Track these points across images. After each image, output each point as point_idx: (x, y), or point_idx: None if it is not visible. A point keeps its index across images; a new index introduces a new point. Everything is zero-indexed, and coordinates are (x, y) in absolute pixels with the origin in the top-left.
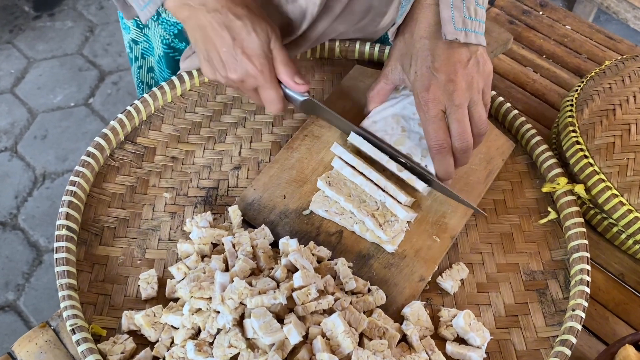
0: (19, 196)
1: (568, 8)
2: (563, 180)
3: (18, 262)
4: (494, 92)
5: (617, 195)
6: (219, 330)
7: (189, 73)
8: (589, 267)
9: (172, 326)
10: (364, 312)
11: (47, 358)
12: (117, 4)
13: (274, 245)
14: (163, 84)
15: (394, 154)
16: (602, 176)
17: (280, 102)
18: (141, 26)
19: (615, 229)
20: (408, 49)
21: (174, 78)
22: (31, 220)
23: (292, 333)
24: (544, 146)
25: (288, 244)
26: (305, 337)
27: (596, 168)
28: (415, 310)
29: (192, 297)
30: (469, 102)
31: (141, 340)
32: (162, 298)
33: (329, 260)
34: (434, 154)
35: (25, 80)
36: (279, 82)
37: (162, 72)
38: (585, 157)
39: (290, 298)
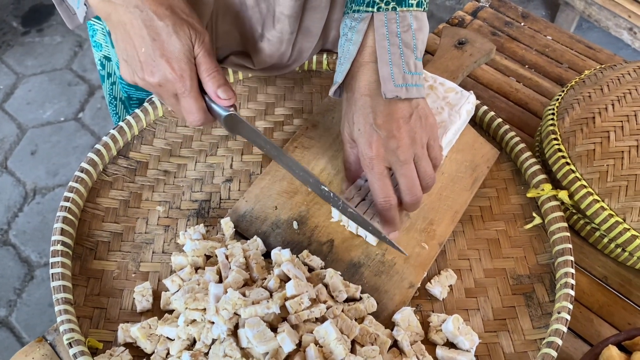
0: (9, 212)
1: (551, 17)
2: (548, 187)
3: (9, 277)
4: (478, 102)
5: (598, 201)
6: (213, 341)
7: None
8: (573, 271)
9: (167, 337)
10: (356, 320)
11: None
12: (62, 15)
13: (267, 255)
14: (154, 98)
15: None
16: (584, 182)
17: (199, 114)
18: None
19: (598, 234)
20: (350, 107)
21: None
22: (22, 235)
23: (286, 341)
24: (528, 153)
25: (280, 254)
26: (299, 345)
27: (578, 175)
28: (406, 316)
29: (187, 308)
30: (414, 157)
31: (137, 353)
32: (157, 310)
33: (321, 269)
34: (380, 210)
35: (14, 96)
36: (203, 92)
37: (126, 89)
38: (567, 164)
39: (283, 307)
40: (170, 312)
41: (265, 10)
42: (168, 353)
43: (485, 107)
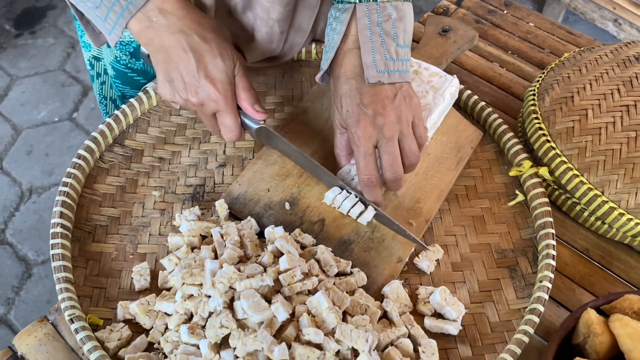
0: (6, 211)
1: (538, 10)
2: (528, 163)
3: (7, 276)
4: (462, 86)
5: (577, 175)
6: (210, 314)
7: None
8: (554, 242)
9: (165, 313)
10: (347, 293)
11: (47, 350)
12: (87, 34)
13: (260, 235)
14: (148, 87)
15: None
16: (564, 158)
17: (238, 129)
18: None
19: (578, 208)
20: (338, 91)
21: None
22: (19, 234)
23: (280, 310)
24: (510, 134)
25: (274, 231)
26: (292, 315)
27: (558, 151)
28: (395, 289)
29: (184, 283)
30: (399, 135)
31: (136, 329)
32: (155, 289)
33: (312, 246)
34: (363, 187)
35: (8, 97)
36: (238, 109)
37: (120, 88)
38: (548, 141)
39: (277, 281)
40: (168, 290)
41: (252, 18)
42: (166, 328)
43: (469, 91)
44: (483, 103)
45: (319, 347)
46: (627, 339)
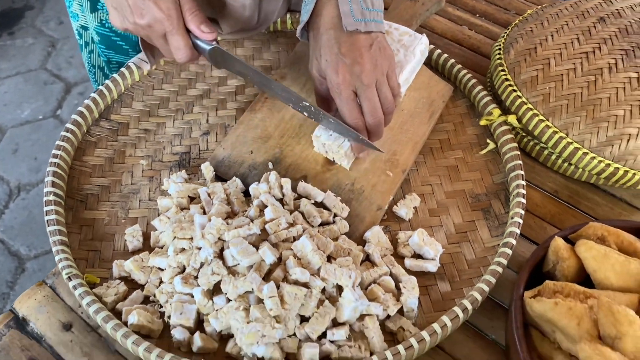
0: None
1: None
2: (497, 112)
3: (1, 271)
4: (432, 46)
5: (543, 120)
6: (202, 265)
7: None
8: (524, 183)
9: (159, 268)
10: (331, 239)
11: (47, 310)
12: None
13: (246, 195)
14: (130, 64)
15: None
16: (530, 105)
17: (188, 49)
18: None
19: (546, 152)
20: (317, 42)
21: (142, 57)
22: (10, 231)
23: (267, 254)
24: (480, 87)
25: (258, 187)
26: (280, 261)
27: (524, 99)
28: (375, 233)
29: (175, 237)
30: (376, 83)
31: (132, 285)
32: (148, 248)
33: (295, 200)
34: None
35: None
36: (188, 32)
37: (106, 53)
38: (514, 91)
39: (263, 231)
40: (161, 248)
41: None
42: (161, 282)
43: (439, 51)
44: (453, 60)
45: (305, 285)
46: (592, 260)
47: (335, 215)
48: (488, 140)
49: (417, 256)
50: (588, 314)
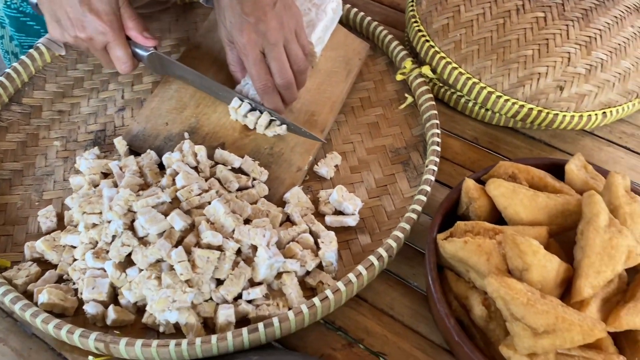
0: None
1: None
2: (408, 63)
3: None
4: (348, 5)
5: (456, 68)
6: (114, 238)
7: None
8: (439, 131)
9: (72, 246)
10: (249, 204)
11: None
12: None
13: (162, 168)
14: (39, 45)
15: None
16: (442, 54)
17: (130, 59)
18: None
19: (463, 100)
20: (221, 7)
21: (51, 37)
22: None
23: (175, 220)
24: (396, 42)
25: (171, 157)
26: (193, 227)
27: (437, 48)
28: (295, 194)
29: (84, 212)
30: (284, 41)
31: (46, 267)
32: (62, 228)
33: (211, 167)
34: (262, 94)
35: None
36: (128, 40)
37: (17, 37)
38: (427, 41)
39: (175, 199)
40: (75, 227)
41: None
42: (74, 260)
43: (355, 9)
44: (369, 18)
45: (219, 249)
46: (501, 198)
47: (254, 180)
48: (406, 95)
49: (339, 213)
50: (497, 250)
